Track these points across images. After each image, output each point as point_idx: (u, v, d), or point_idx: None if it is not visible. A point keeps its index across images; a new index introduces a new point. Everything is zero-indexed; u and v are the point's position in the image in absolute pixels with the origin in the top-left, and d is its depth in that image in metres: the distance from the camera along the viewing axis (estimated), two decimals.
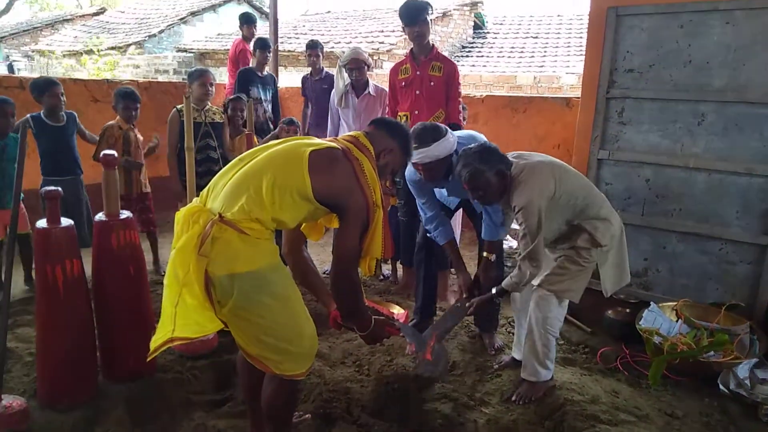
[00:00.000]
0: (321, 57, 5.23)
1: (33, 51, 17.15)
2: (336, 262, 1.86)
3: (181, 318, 1.67)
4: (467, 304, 2.71)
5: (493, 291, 2.61)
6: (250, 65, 5.54)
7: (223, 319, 1.75)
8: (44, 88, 3.65)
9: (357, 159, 1.85)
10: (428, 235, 2.99)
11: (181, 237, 1.72)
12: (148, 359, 1.70)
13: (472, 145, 2.47)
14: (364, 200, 1.81)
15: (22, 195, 2.46)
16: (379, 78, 7.25)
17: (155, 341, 1.71)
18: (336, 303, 1.98)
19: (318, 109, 5.10)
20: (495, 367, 2.84)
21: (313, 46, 5.20)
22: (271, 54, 5.40)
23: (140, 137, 3.99)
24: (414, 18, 3.52)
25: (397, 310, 2.62)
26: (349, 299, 1.90)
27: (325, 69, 5.32)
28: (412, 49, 3.70)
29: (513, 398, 2.54)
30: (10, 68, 13.93)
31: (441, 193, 2.92)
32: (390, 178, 3.48)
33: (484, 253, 2.81)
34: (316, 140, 1.92)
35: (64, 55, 14.27)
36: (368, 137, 1.98)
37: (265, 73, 5.32)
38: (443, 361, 2.61)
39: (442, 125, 2.65)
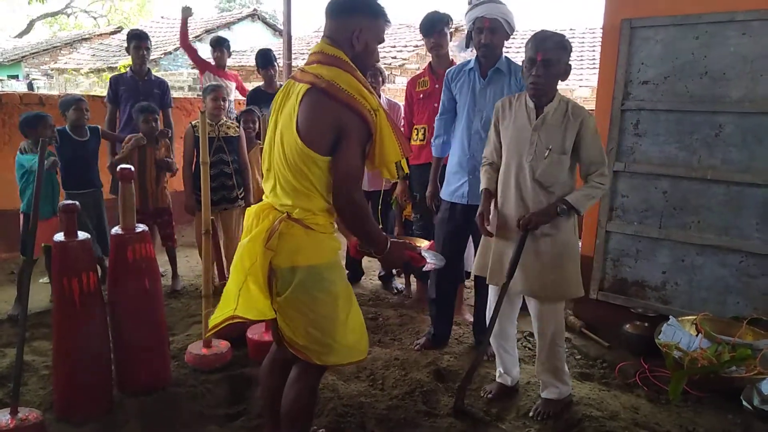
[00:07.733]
0: (150, 50, 4.76)
1: (52, 69, 17.51)
2: (337, 185, 1.77)
3: (243, 301, 1.78)
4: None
5: (557, 209, 2.30)
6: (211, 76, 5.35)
7: (276, 309, 1.83)
8: (71, 103, 3.78)
9: (329, 83, 1.73)
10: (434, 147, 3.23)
11: (251, 230, 1.83)
12: (207, 335, 1.76)
13: None
14: (357, 116, 1.73)
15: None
16: (390, 92, 7.27)
17: (215, 319, 1.83)
18: (346, 226, 1.93)
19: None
20: (486, 394, 2.66)
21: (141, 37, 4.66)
22: (283, 69, 5.07)
23: (164, 151, 4.05)
24: (430, 29, 3.58)
25: (423, 243, 2.61)
26: (356, 220, 1.83)
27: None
28: (430, 62, 3.73)
29: (531, 414, 2.50)
30: (30, 86, 14.18)
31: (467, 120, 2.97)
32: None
33: None
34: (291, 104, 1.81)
35: (85, 74, 14.55)
36: (330, 40, 1.84)
37: (277, 87, 4.90)
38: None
39: None
